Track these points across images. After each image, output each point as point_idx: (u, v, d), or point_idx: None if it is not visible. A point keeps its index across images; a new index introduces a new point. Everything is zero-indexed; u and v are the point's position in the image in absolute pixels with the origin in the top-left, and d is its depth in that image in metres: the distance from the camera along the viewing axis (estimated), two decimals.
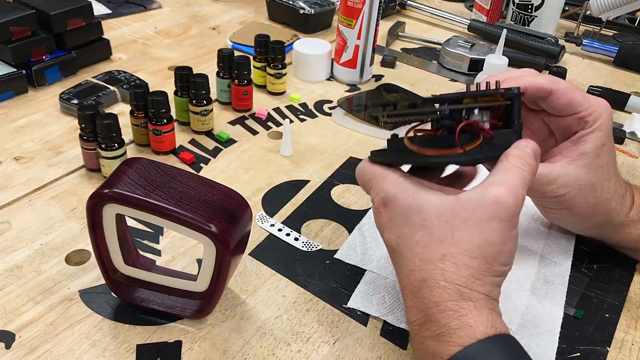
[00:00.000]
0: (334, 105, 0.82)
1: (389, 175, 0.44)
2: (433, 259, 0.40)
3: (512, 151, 0.42)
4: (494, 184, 0.40)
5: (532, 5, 1.06)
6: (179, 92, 0.73)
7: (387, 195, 0.43)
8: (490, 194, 0.39)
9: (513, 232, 0.40)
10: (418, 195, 0.42)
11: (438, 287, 0.39)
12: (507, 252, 0.40)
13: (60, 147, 0.69)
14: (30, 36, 0.78)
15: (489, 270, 0.39)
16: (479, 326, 0.37)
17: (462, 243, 0.39)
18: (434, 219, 0.40)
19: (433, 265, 0.40)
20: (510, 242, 0.40)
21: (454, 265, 0.39)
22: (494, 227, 0.39)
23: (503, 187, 0.39)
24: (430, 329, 0.39)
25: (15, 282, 0.51)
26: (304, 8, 1.03)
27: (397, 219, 0.43)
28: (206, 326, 0.48)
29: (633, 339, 0.50)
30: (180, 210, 0.42)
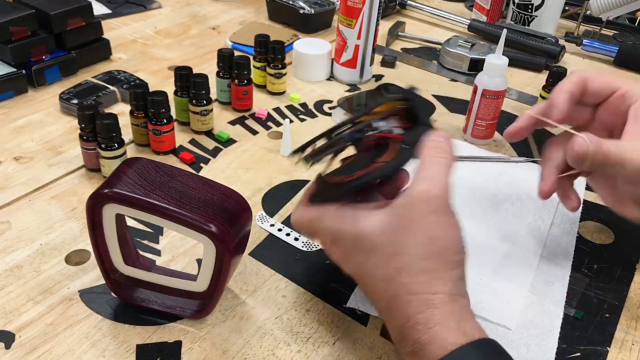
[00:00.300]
0: (334, 105, 0.82)
1: (326, 213, 0.44)
2: (392, 275, 0.40)
3: (425, 144, 0.43)
4: (417, 183, 0.40)
5: (532, 5, 1.06)
6: (179, 92, 0.73)
7: (331, 233, 0.44)
8: (417, 193, 0.40)
9: (452, 220, 0.40)
10: (357, 221, 0.42)
11: (404, 302, 0.39)
12: (455, 240, 0.40)
13: (60, 147, 0.69)
14: (30, 36, 0.78)
15: (445, 265, 0.39)
16: (449, 337, 0.37)
17: (410, 250, 0.39)
18: (378, 238, 0.41)
19: (395, 282, 0.40)
20: (453, 229, 0.40)
21: (410, 275, 0.39)
22: (432, 222, 0.39)
23: (425, 182, 0.40)
24: (406, 345, 0.39)
25: (15, 282, 0.51)
26: (304, 8, 1.03)
27: (349, 250, 0.43)
28: (206, 326, 0.48)
29: (633, 339, 0.50)
30: (180, 210, 0.42)
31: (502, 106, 0.74)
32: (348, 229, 0.42)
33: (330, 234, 0.44)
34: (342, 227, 0.43)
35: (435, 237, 0.39)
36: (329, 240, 0.44)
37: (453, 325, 0.38)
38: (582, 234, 0.61)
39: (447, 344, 0.37)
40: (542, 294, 0.52)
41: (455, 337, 0.37)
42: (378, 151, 0.43)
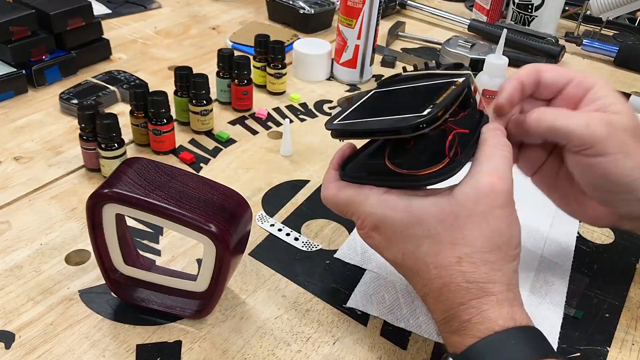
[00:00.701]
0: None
1: (369, 197, 0.42)
2: (450, 263, 0.40)
3: (486, 136, 0.42)
4: (484, 174, 0.40)
5: (532, 5, 1.06)
6: (179, 92, 0.73)
7: (377, 219, 0.42)
8: (484, 186, 0.39)
9: (514, 215, 0.40)
10: (411, 207, 0.41)
11: (461, 289, 0.39)
12: (515, 235, 0.40)
13: (60, 147, 0.69)
14: (30, 36, 0.78)
15: (506, 258, 0.40)
16: (499, 319, 0.38)
17: (474, 241, 0.39)
18: (438, 226, 0.40)
19: (451, 269, 0.40)
20: (515, 224, 0.40)
21: (472, 265, 0.39)
22: (498, 216, 0.39)
23: (493, 175, 0.40)
24: (453, 325, 0.40)
25: (15, 282, 0.51)
26: (304, 8, 1.03)
27: (396, 237, 0.42)
28: (206, 326, 0.48)
29: (633, 339, 0.50)
30: (180, 210, 0.42)
31: None
32: (399, 216, 0.41)
33: (374, 219, 0.42)
34: (390, 214, 0.41)
35: (500, 231, 0.39)
36: (370, 225, 0.43)
37: (505, 310, 0.38)
38: (582, 234, 0.61)
39: (495, 325, 0.38)
40: (542, 294, 0.52)
41: (505, 321, 0.38)
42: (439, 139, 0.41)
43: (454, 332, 0.40)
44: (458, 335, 0.39)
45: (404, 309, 0.50)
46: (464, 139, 0.41)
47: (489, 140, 0.42)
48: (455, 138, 0.41)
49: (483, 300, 0.39)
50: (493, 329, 0.38)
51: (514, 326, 0.38)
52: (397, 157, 0.42)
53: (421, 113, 0.39)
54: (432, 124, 0.39)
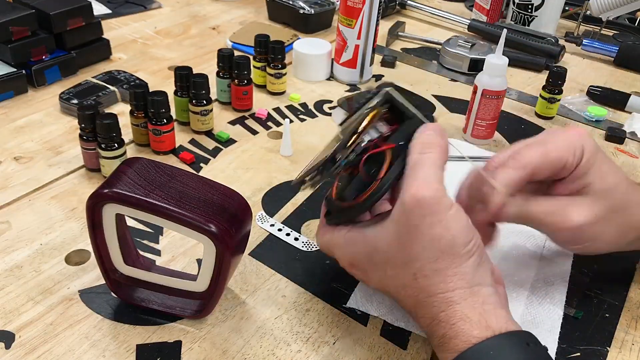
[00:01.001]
0: (334, 105, 0.82)
1: (339, 238, 0.45)
2: (409, 282, 0.41)
3: (413, 143, 0.42)
4: (406, 188, 0.40)
5: (532, 5, 1.06)
6: (179, 92, 0.73)
7: (348, 257, 0.45)
8: (408, 201, 0.39)
9: (450, 212, 0.40)
10: (367, 239, 0.43)
11: (426, 304, 0.40)
12: (458, 234, 0.39)
13: (60, 147, 0.69)
14: (30, 36, 0.78)
15: (456, 260, 0.39)
16: (473, 331, 0.38)
17: (418, 255, 0.40)
18: (388, 250, 0.41)
19: (412, 288, 0.41)
20: (453, 221, 0.39)
21: (425, 278, 0.40)
22: (430, 223, 0.39)
23: (414, 186, 0.39)
24: (434, 340, 0.41)
25: (15, 282, 0.51)
26: (304, 8, 1.03)
27: (368, 268, 0.44)
28: (206, 326, 0.48)
29: (633, 339, 0.50)
30: (180, 210, 0.42)
31: (502, 106, 0.74)
32: (361, 249, 0.44)
33: (347, 258, 0.45)
34: (355, 250, 0.44)
35: (438, 237, 0.39)
36: (347, 264, 0.46)
37: (475, 319, 0.38)
38: None
39: (471, 338, 0.38)
40: (542, 294, 0.52)
41: (479, 331, 0.38)
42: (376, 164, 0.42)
43: (437, 347, 0.40)
44: (441, 350, 0.40)
45: (403, 309, 0.50)
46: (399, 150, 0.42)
47: (415, 146, 0.41)
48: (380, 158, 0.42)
49: (449, 313, 0.39)
50: (470, 342, 0.38)
51: (492, 335, 0.37)
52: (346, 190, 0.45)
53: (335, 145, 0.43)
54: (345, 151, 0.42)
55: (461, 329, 0.38)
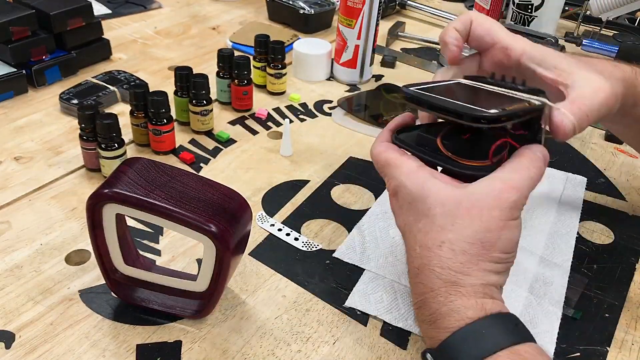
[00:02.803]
0: (334, 105, 0.82)
1: (403, 165, 0.44)
2: (432, 246, 0.41)
3: (525, 151, 0.43)
4: (502, 179, 0.41)
5: (532, 5, 1.06)
6: (179, 92, 0.73)
7: (398, 185, 0.44)
8: (496, 188, 0.41)
9: (512, 223, 0.41)
10: (426, 184, 0.42)
11: (433, 273, 0.40)
12: (505, 240, 0.40)
13: (60, 147, 0.69)
14: (30, 36, 0.78)
15: (486, 256, 0.40)
16: (468, 310, 0.38)
17: (461, 230, 0.40)
18: (437, 208, 0.41)
19: (431, 252, 0.41)
20: (508, 229, 0.40)
21: (451, 251, 0.40)
22: (494, 216, 0.40)
23: (509, 184, 0.41)
24: (424, 313, 0.41)
25: (15, 282, 0.51)
26: (304, 8, 1.03)
27: (405, 206, 0.44)
28: (206, 326, 0.48)
29: (633, 339, 0.50)
30: (180, 210, 0.42)
31: None
32: (414, 187, 0.43)
33: (397, 185, 0.44)
34: (409, 184, 0.43)
35: (490, 229, 0.40)
36: (392, 190, 0.45)
37: (472, 301, 0.39)
38: (582, 234, 0.61)
39: (465, 317, 0.38)
40: (540, 294, 0.52)
41: (474, 312, 0.38)
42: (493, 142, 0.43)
43: (426, 322, 0.41)
44: (430, 327, 0.40)
45: (402, 309, 0.50)
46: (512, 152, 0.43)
47: (526, 155, 0.43)
48: (505, 146, 0.43)
49: (450, 290, 0.39)
50: (464, 321, 0.38)
51: (484, 316, 0.38)
52: (449, 140, 0.44)
53: (488, 110, 0.41)
54: (492, 123, 0.41)
55: (457, 307, 0.39)
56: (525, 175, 0.41)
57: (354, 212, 0.62)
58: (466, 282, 0.39)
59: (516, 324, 0.39)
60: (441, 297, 0.40)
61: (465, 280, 0.39)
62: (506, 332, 0.38)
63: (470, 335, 0.38)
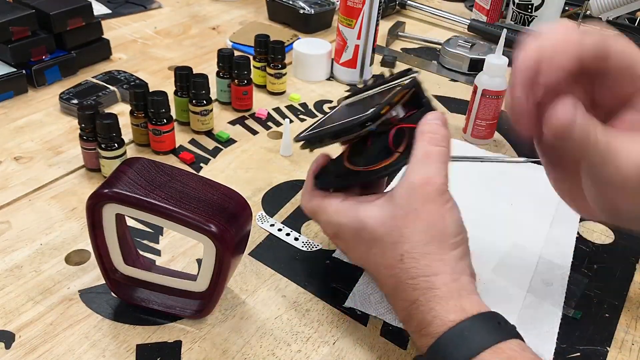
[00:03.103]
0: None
1: (328, 207, 0.46)
2: (395, 263, 0.42)
3: (423, 128, 0.44)
4: (415, 173, 0.42)
5: (532, 5, 1.06)
6: (179, 92, 0.73)
7: (334, 227, 0.46)
8: (415, 184, 0.42)
9: (447, 205, 0.42)
10: (358, 214, 0.44)
11: (408, 286, 0.41)
12: (451, 225, 0.42)
13: (60, 147, 0.69)
14: (30, 36, 0.78)
15: (445, 248, 0.41)
16: (449, 314, 0.39)
17: (411, 237, 0.41)
18: (380, 228, 0.43)
19: (397, 268, 0.42)
20: (448, 213, 0.42)
21: (413, 259, 0.41)
22: (430, 210, 0.41)
23: (423, 172, 0.42)
24: (412, 324, 0.42)
25: (15, 282, 0.51)
26: (304, 8, 1.03)
27: (351, 242, 0.45)
28: (206, 326, 0.48)
29: (633, 339, 0.50)
30: (180, 210, 0.42)
31: (502, 106, 0.74)
32: (350, 222, 0.44)
33: (333, 228, 0.46)
34: (343, 222, 0.45)
35: (434, 223, 0.41)
36: (332, 233, 0.47)
37: (452, 303, 0.39)
38: (582, 234, 0.61)
39: (447, 321, 0.39)
40: (540, 294, 0.52)
41: (455, 315, 0.39)
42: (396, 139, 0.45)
43: (415, 333, 0.42)
44: (419, 336, 0.41)
45: None
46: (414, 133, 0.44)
47: (424, 134, 0.43)
48: (403, 133, 0.44)
49: (429, 297, 0.40)
50: (447, 325, 0.39)
51: (466, 317, 0.39)
52: (355, 158, 0.47)
53: (365, 113, 0.43)
54: (376, 119, 0.43)
55: (439, 312, 0.39)
56: (435, 154, 0.42)
57: None
58: (439, 282, 0.40)
59: (498, 322, 0.39)
60: (422, 306, 0.40)
61: (437, 280, 0.40)
62: (488, 331, 0.38)
63: (453, 339, 0.38)
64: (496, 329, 0.39)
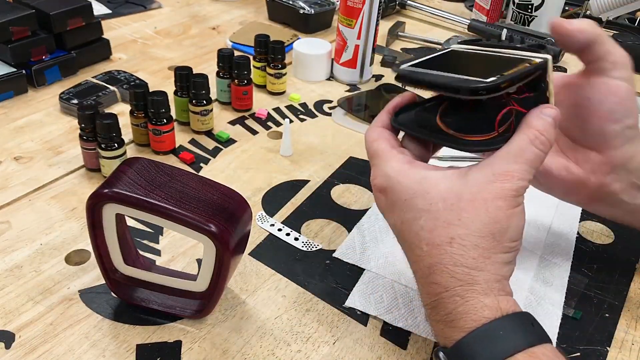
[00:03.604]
0: (334, 105, 0.82)
1: (392, 160, 0.43)
2: (441, 242, 0.39)
3: (532, 121, 0.40)
4: (503, 164, 0.39)
5: (532, 5, 1.06)
6: (179, 92, 0.73)
7: (387, 181, 0.42)
8: (497, 177, 0.39)
9: (518, 209, 0.40)
10: (424, 180, 0.41)
11: (447, 272, 0.39)
12: (514, 227, 0.40)
13: (60, 147, 0.69)
14: (30, 36, 0.78)
15: (498, 247, 0.39)
16: (484, 310, 0.38)
17: (469, 224, 0.39)
18: (439, 203, 0.40)
19: (441, 249, 0.39)
20: (516, 217, 0.39)
21: (462, 247, 0.39)
22: (500, 206, 0.39)
23: (512, 169, 0.39)
24: (439, 312, 0.40)
25: (15, 282, 0.51)
26: (304, 8, 1.03)
27: (399, 204, 0.42)
28: (206, 326, 0.48)
29: (633, 339, 0.50)
30: (180, 210, 0.42)
31: None
32: (409, 184, 0.41)
33: (385, 181, 0.42)
34: (402, 181, 0.41)
35: (496, 220, 0.39)
36: (380, 185, 0.43)
37: (489, 300, 0.38)
38: (582, 234, 0.61)
39: (481, 317, 0.37)
40: (540, 294, 0.52)
41: (491, 311, 0.38)
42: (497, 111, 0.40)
43: (441, 322, 0.40)
44: (446, 327, 0.39)
45: (402, 309, 0.50)
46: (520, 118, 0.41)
47: (531, 129, 0.40)
48: (510, 114, 0.40)
49: (467, 288, 0.38)
50: (480, 321, 0.37)
51: (501, 316, 0.38)
52: (449, 117, 0.42)
53: (485, 80, 0.38)
54: (492, 92, 0.38)
55: (474, 307, 0.38)
56: (529, 155, 0.39)
57: (354, 212, 0.62)
58: (480, 278, 0.39)
59: (532, 324, 0.38)
60: (457, 296, 0.38)
61: (479, 276, 0.39)
62: (523, 333, 0.37)
63: (486, 336, 0.37)
64: (530, 331, 0.38)
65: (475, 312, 0.38)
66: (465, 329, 0.38)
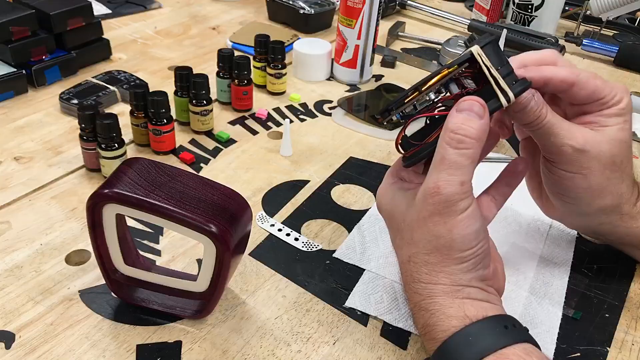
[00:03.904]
0: (334, 105, 0.82)
1: (381, 187, 0.47)
2: (404, 261, 0.43)
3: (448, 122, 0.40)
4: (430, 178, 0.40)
5: (532, 5, 1.06)
6: (179, 92, 0.73)
7: (378, 204, 0.47)
8: (427, 193, 0.40)
9: (460, 217, 0.40)
10: (393, 201, 0.45)
11: (411, 288, 0.42)
12: (460, 238, 0.40)
13: (60, 147, 0.69)
14: (30, 36, 0.78)
15: (448, 261, 0.40)
16: (452, 320, 0.39)
17: (418, 243, 0.41)
18: (401, 223, 0.43)
19: (405, 267, 0.43)
20: (458, 226, 0.40)
21: (415, 264, 0.41)
22: (437, 221, 0.40)
23: (436, 180, 0.40)
24: (418, 326, 0.43)
25: (15, 282, 0.51)
26: (304, 8, 1.03)
27: (387, 222, 0.47)
28: (206, 326, 0.48)
29: (633, 339, 0.50)
30: (180, 210, 0.42)
31: None
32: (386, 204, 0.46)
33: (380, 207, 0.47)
34: (384, 203, 0.46)
35: (439, 235, 0.40)
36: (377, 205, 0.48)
37: (453, 311, 0.39)
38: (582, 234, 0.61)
39: (450, 327, 0.39)
40: (541, 294, 0.52)
41: (458, 321, 0.39)
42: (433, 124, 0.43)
43: (422, 335, 0.42)
44: (425, 339, 0.42)
45: (402, 309, 0.50)
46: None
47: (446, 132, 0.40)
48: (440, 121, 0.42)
49: (429, 302, 0.40)
50: (449, 331, 0.39)
51: (470, 323, 0.39)
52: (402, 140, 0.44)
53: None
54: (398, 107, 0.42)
55: (440, 318, 0.40)
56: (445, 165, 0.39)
57: (354, 212, 0.62)
58: (438, 290, 0.40)
59: (505, 326, 0.39)
60: (423, 310, 0.41)
61: (436, 289, 0.40)
62: (492, 336, 0.38)
63: (458, 343, 0.39)
64: (503, 333, 0.38)
65: (442, 323, 0.39)
66: (438, 339, 0.39)
